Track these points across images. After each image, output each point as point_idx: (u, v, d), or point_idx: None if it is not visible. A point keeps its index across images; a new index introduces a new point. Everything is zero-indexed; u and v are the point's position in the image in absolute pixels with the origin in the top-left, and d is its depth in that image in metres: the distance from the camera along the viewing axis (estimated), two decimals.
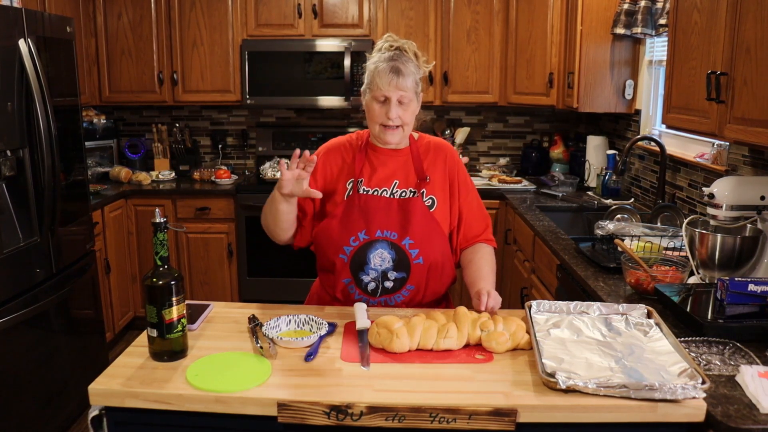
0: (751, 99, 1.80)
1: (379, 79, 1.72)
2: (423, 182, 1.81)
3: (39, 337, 2.70)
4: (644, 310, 1.62)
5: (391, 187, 1.81)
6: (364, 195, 1.80)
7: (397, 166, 1.83)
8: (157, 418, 1.34)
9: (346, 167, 1.84)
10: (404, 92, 1.72)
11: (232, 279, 4.10)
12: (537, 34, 3.86)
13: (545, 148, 4.48)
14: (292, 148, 4.45)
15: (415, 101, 1.78)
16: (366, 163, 1.84)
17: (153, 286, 1.42)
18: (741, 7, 1.85)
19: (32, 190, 2.65)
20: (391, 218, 1.77)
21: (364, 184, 1.81)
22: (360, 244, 1.78)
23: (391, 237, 1.77)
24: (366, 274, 1.80)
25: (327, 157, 1.87)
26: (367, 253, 1.78)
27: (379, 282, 1.80)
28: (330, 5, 4.08)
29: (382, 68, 1.72)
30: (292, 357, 1.48)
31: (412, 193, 1.80)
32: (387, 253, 1.78)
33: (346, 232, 1.78)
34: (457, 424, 1.26)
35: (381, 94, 1.72)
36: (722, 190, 1.96)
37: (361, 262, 1.79)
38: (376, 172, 1.82)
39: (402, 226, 1.77)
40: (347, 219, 1.79)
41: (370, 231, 1.77)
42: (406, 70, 1.73)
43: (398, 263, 1.78)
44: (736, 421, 1.22)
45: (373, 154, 1.84)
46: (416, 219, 1.77)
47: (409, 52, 1.78)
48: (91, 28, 4.07)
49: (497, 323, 1.55)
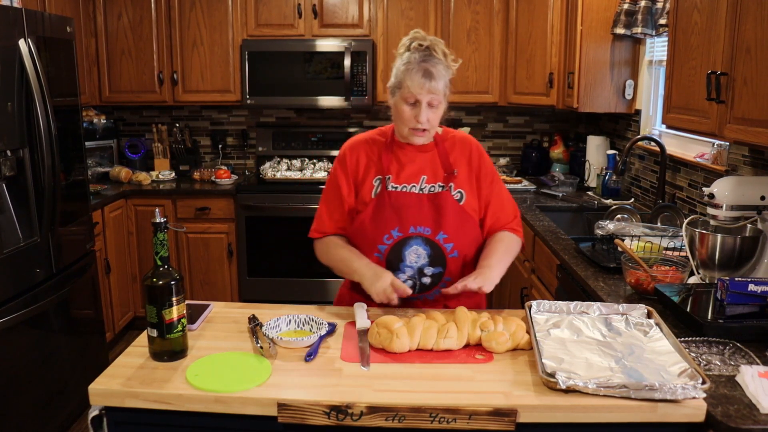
0: (751, 99, 1.80)
1: (410, 81, 1.68)
2: (451, 176, 1.80)
3: (39, 337, 2.70)
4: (644, 310, 1.62)
5: (420, 183, 1.79)
6: (394, 192, 1.78)
7: (424, 162, 1.81)
8: (157, 418, 1.34)
9: (372, 164, 1.82)
10: (435, 95, 1.69)
11: (232, 279, 4.10)
12: (537, 34, 3.86)
13: (545, 148, 4.47)
14: (292, 148, 4.46)
15: (444, 103, 1.74)
16: (393, 159, 1.82)
17: (153, 286, 1.42)
18: (741, 7, 1.85)
19: (32, 190, 2.65)
20: (424, 214, 1.76)
21: (392, 181, 1.80)
22: (394, 242, 1.77)
23: (425, 232, 1.76)
24: (402, 273, 1.78)
25: (353, 153, 1.85)
26: (402, 250, 1.77)
27: (416, 279, 1.79)
28: (330, 5, 4.08)
29: (413, 70, 1.67)
30: (292, 357, 1.48)
31: (440, 187, 1.79)
32: (422, 249, 1.77)
33: (378, 230, 1.77)
34: (457, 424, 1.26)
35: (412, 96, 1.69)
36: (722, 190, 1.96)
37: (397, 260, 1.78)
38: (403, 168, 1.81)
39: (435, 221, 1.76)
40: (379, 217, 1.77)
41: (403, 228, 1.76)
42: (437, 73, 1.68)
43: (434, 258, 1.77)
44: (736, 421, 1.22)
45: (399, 150, 1.82)
46: (448, 213, 1.76)
47: (438, 51, 1.72)
48: (91, 28, 4.07)
49: (497, 323, 1.55)
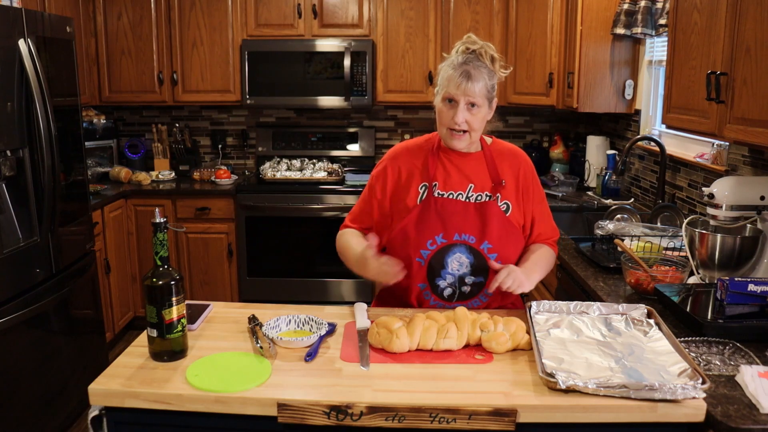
0: (751, 99, 1.80)
1: (449, 81, 1.68)
2: (498, 186, 1.78)
3: (39, 337, 2.70)
4: (644, 310, 1.62)
5: (467, 191, 1.78)
6: (440, 198, 1.76)
7: (471, 170, 1.79)
8: (157, 418, 1.34)
9: (417, 171, 1.81)
10: (472, 97, 1.68)
11: (232, 279, 4.10)
12: (537, 34, 3.86)
13: (545, 148, 4.48)
14: (291, 147, 4.46)
15: (486, 107, 1.72)
16: (439, 166, 1.80)
17: (153, 286, 1.42)
18: (741, 7, 1.85)
19: (32, 190, 2.65)
20: (469, 222, 1.75)
21: (438, 188, 1.78)
22: (438, 248, 1.75)
23: (470, 241, 1.75)
24: (443, 279, 1.77)
25: (396, 161, 1.84)
26: (445, 257, 1.75)
27: (456, 288, 1.78)
28: (330, 5, 4.07)
29: (454, 71, 1.68)
30: (292, 357, 1.48)
31: (487, 197, 1.77)
32: (465, 257, 1.75)
33: (422, 235, 1.75)
34: (457, 424, 1.26)
35: (449, 95, 1.69)
36: (722, 190, 1.96)
37: (439, 266, 1.76)
38: (450, 175, 1.79)
39: (480, 230, 1.74)
40: (423, 222, 1.75)
41: (447, 234, 1.74)
42: (476, 75, 1.67)
43: (476, 268, 1.76)
44: (736, 421, 1.22)
45: (445, 157, 1.81)
46: (494, 223, 1.74)
47: (485, 56, 1.72)
48: (91, 28, 4.07)
49: (497, 324, 1.55)
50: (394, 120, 4.56)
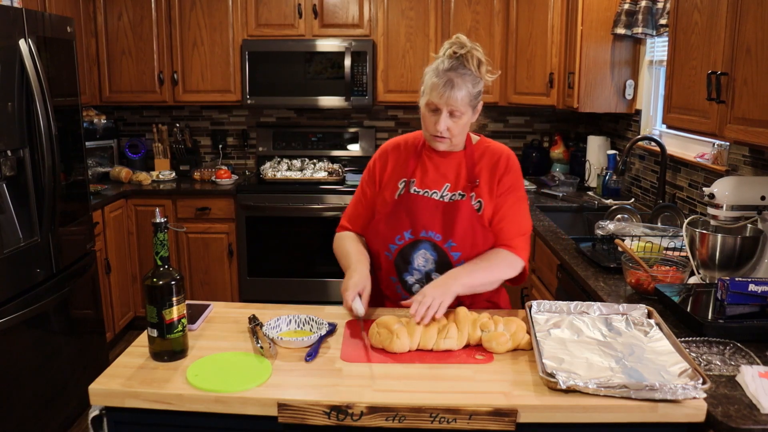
0: (751, 99, 1.80)
1: (432, 89, 1.68)
2: (472, 185, 1.78)
3: (39, 337, 2.70)
4: (644, 310, 1.62)
5: (442, 190, 1.79)
6: (414, 195, 1.79)
7: (450, 169, 1.80)
8: (157, 418, 1.34)
9: (399, 167, 1.84)
10: (454, 107, 1.67)
11: (232, 279, 4.10)
12: (537, 34, 3.86)
13: (545, 148, 4.48)
14: (292, 147, 4.46)
15: (469, 114, 1.72)
16: (419, 164, 1.83)
17: (153, 286, 1.42)
18: (741, 7, 1.85)
19: (32, 190, 2.65)
20: (437, 219, 1.77)
21: (415, 184, 1.81)
22: (405, 243, 1.79)
23: (435, 238, 1.77)
24: (410, 275, 1.81)
25: (384, 156, 1.88)
26: (411, 253, 1.79)
27: (423, 283, 1.79)
28: (330, 5, 4.08)
29: (438, 78, 1.67)
30: (292, 357, 1.48)
31: (461, 195, 1.78)
32: (430, 254, 1.78)
33: (392, 230, 1.80)
34: (458, 424, 1.26)
35: (432, 103, 1.69)
36: (722, 190, 1.96)
37: (405, 262, 1.79)
38: (428, 173, 1.81)
39: (446, 229, 1.76)
40: (395, 217, 1.79)
41: (415, 231, 1.78)
42: (460, 83, 1.66)
43: (440, 265, 1.78)
44: (736, 422, 1.22)
45: (427, 155, 1.83)
46: (462, 222, 1.75)
47: (472, 61, 1.68)
48: (92, 28, 4.07)
49: (497, 324, 1.55)
50: (394, 120, 4.55)
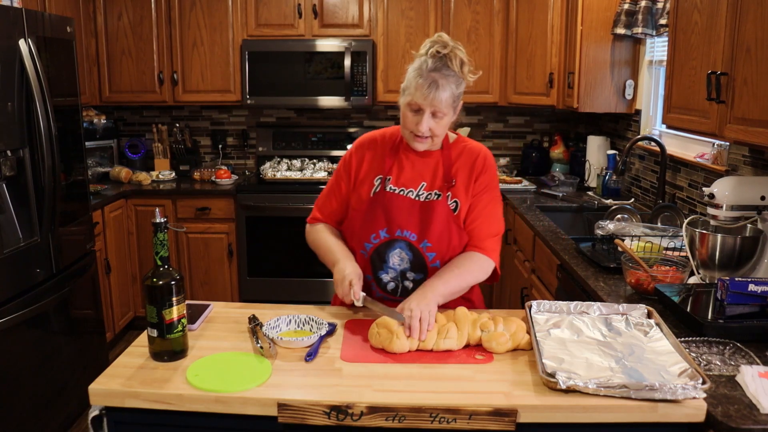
0: (751, 99, 1.80)
1: (416, 89, 1.65)
2: (449, 185, 1.77)
3: (39, 337, 2.70)
4: (644, 310, 1.62)
5: (418, 189, 1.78)
6: (390, 193, 1.78)
7: (426, 168, 1.79)
8: (157, 418, 1.34)
9: (376, 163, 1.82)
10: (438, 108, 1.66)
11: (232, 279, 4.10)
12: (537, 34, 3.86)
13: (545, 148, 4.48)
14: (292, 148, 4.46)
15: (451, 114, 1.71)
16: (396, 162, 1.81)
17: (153, 286, 1.42)
18: (741, 7, 1.85)
19: (32, 190, 2.65)
20: (413, 219, 1.76)
21: (391, 182, 1.79)
22: (380, 242, 1.78)
23: (410, 238, 1.76)
24: (385, 273, 1.80)
25: (359, 152, 1.86)
26: (386, 252, 1.78)
27: (398, 282, 1.80)
28: (330, 5, 4.08)
29: (421, 78, 1.65)
30: (292, 357, 1.48)
31: (437, 195, 1.77)
32: (405, 253, 1.77)
33: (367, 228, 1.78)
34: (457, 424, 1.26)
35: (415, 104, 1.67)
36: (722, 190, 1.96)
37: (380, 260, 1.79)
38: (404, 171, 1.80)
39: (421, 228, 1.75)
40: (370, 216, 1.78)
41: (390, 230, 1.77)
42: (444, 84, 1.64)
43: (415, 264, 1.78)
44: (736, 421, 1.22)
45: (404, 153, 1.81)
46: (437, 222, 1.75)
47: (455, 61, 1.66)
48: (91, 28, 4.07)
49: (497, 324, 1.55)
50: (394, 120, 4.55)
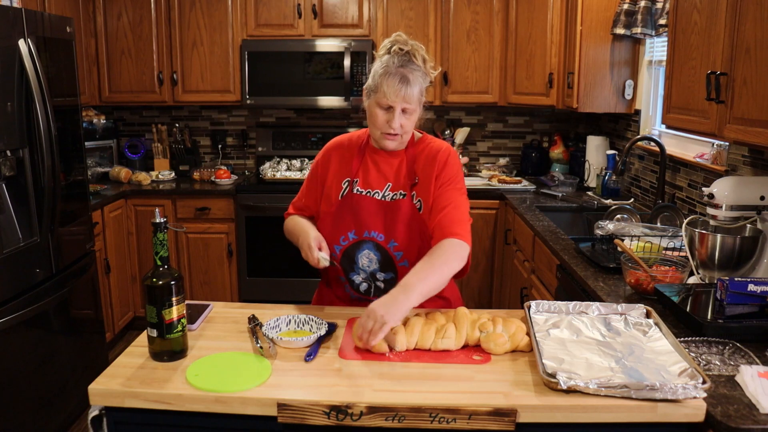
0: (750, 99, 1.81)
1: (387, 87, 1.66)
2: (412, 183, 1.79)
3: (39, 337, 2.70)
4: (643, 309, 1.62)
5: (384, 189, 1.80)
6: (357, 195, 1.80)
7: (391, 169, 1.81)
8: (157, 418, 1.34)
9: (344, 166, 1.84)
10: (409, 102, 1.68)
11: (232, 279, 4.10)
12: (537, 34, 3.86)
13: (545, 148, 4.48)
14: (292, 148, 4.46)
15: (419, 109, 1.74)
16: (362, 164, 1.83)
17: (153, 286, 1.42)
18: (741, 8, 1.85)
19: (32, 190, 2.65)
20: (379, 220, 1.77)
21: (358, 184, 1.81)
22: (349, 244, 1.80)
23: (378, 238, 1.78)
24: (357, 274, 1.82)
25: (328, 155, 1.88)
26: (355, 253, 1.80)
27: (370, 282, 1.82)
28: (330, 5, 4.08)
29: (390, 75, 1.66)
30: (292, 357, 1.48)
31: (401, 195, 1.78)
32: (373, 254, 1.79)
33: (336, 231, 1.80)
34: (457, 424, 1.26)
35: (386, 102, 1.68)
36: (722, 190, 1.96)
37: (350, 262, 1.81)
38: (369, 173, 1.82)
39: (388, 229, 1.77)
40: (339, 218, 1.80)
41: (359, 231, 1.79)
42: (414, 80, 1.67)
43: (384, 264, 1.79)
44: (735, 421, 1.22)
45: (370, 155, 1.84)
46: (403, 222, 1.76)
47: (418, 57, 1.70)
48: (91, 28, 4.07)
49: (496, 324, 1.55)
50: None
